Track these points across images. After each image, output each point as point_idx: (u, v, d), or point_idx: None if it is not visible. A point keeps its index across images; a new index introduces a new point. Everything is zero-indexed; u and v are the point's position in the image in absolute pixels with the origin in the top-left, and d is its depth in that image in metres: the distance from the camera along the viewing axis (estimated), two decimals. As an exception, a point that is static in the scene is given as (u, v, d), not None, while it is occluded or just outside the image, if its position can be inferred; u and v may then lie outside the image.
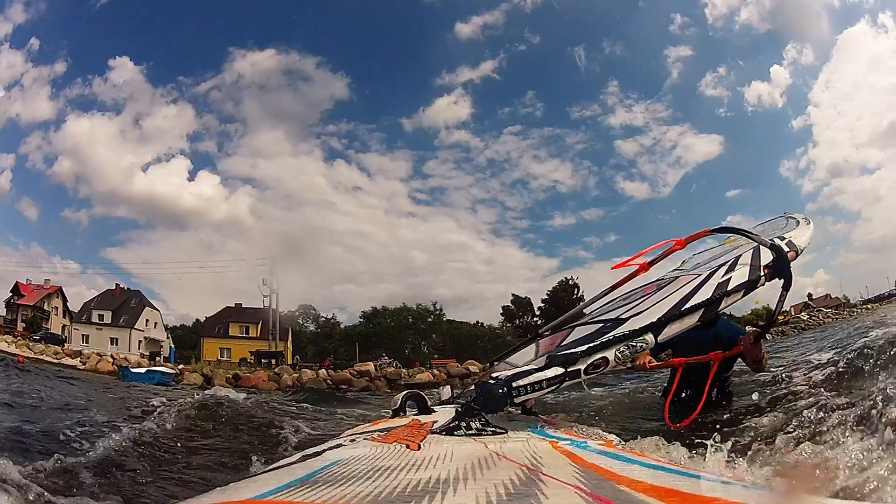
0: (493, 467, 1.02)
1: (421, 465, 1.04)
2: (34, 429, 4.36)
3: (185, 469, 3.36)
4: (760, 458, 2.42)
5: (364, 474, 0.95)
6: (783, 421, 3.02)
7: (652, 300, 2.34)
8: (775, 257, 1.99)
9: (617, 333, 1.82)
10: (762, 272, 1.96)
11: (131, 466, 3.17)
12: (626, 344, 1.78)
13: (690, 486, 0.84)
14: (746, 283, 1.95)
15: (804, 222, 2.71)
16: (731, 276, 2.00)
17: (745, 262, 2.11)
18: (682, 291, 2.12)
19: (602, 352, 1.75)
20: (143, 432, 3.89)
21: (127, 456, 3.37)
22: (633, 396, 5.15)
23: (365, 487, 0.84)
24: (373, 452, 1.21)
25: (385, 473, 0.95)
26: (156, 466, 3.31)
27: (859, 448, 2.25)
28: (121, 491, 2.74)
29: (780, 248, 2.01)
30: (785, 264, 1.96)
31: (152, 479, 3.03)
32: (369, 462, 1.08)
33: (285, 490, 0.85)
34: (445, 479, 0.89)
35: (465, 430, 1.45)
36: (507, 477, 0.90)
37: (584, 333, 2.15)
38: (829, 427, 2.71)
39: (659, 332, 1.82)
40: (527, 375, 1.67)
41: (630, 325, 1.87)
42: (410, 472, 0.95)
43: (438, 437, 1.39)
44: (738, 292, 1.93)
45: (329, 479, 0.93)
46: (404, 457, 1.13)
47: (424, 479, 0.89)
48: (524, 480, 0.89)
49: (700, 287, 2.05)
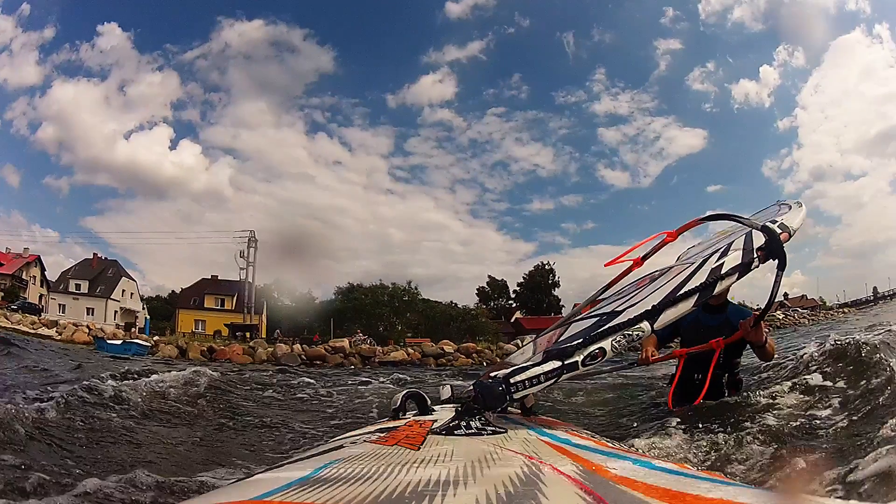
0: (493, 467, 1.02)
1: (421, 465, 1.04)
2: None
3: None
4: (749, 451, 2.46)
5: (364, 474, 0.95)
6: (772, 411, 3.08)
7: (646, 291, 2.33)
8: (768, 239, 1.99)
9: (613, 324, 1.80)
10: (755, 254, 1.96)
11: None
12: (623, 333, 1.76)
13: (690, 486, 0.84)
14: (740, 266, 1.94)
15: (796, 206, 2.73)
16: (725, 260, 1.98)
17: (737, 247, 2.10)
18: (676, 280, 2.11)
19: (598, 342, 1.73)
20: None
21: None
22: (632, 397, 5.21)
23: (365, 487, 0.84)
24: (373, 452, 1.20)
25: (385, 473, 0.94)
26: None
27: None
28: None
29: (771, 230, 2.01)
30: (778, 245, 1.96)
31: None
32: (369, 462, 1.08)
33: (285, 490, 0.85)
34: (445, 479, 0.89)
35: (464, 429, 1.44)
36: (507, 476, 0.89)
37: (580, 329, 2.13)
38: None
39: (654, 320, 1.80)
40: (524, 371, 1.65)
41: (625, 316, 1.85)
42: (410, 472, 0.95)
43: (438, 437, 1.38)
44: (733, 275, 1.92)
45: (329, 479, 0.92)
46: (404, 457, 1.13)
47: (424, 479, 0.88)
48: (524, 480, 0.89)
49: (694, 274, 2.03)
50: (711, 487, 0.82)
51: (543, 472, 0.94)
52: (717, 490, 0.80)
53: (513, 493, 0.81)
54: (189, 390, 5.39)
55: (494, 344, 33.62)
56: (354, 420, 4.88)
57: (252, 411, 5.31)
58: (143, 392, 4.85)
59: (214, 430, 4.33)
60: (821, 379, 3.59)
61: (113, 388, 4.64)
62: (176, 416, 4.57)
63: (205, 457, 3.39)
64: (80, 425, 3.71)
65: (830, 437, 2.53)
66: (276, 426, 4.56)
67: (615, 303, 2.52)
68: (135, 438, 3.66)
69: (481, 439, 1.36)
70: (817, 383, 3.51)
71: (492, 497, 0.78)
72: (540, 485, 0.85)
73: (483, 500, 0.77)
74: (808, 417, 2.94)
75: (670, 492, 0.79)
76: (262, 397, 6.50)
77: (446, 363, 27.35)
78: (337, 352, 27.57)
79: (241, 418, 4.84)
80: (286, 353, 26.35)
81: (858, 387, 3.23)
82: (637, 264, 3.05)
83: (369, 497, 0.79)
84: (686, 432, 2.88)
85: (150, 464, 3.01)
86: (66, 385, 5.50)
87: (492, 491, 0.80)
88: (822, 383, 3.49)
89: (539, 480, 0.88)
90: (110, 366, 10.42)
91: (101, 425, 3.83)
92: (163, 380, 5.57)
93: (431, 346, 30.57)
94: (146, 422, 4.19)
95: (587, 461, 1.05)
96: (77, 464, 2.92)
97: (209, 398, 5.35)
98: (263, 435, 4.28)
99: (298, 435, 4.28)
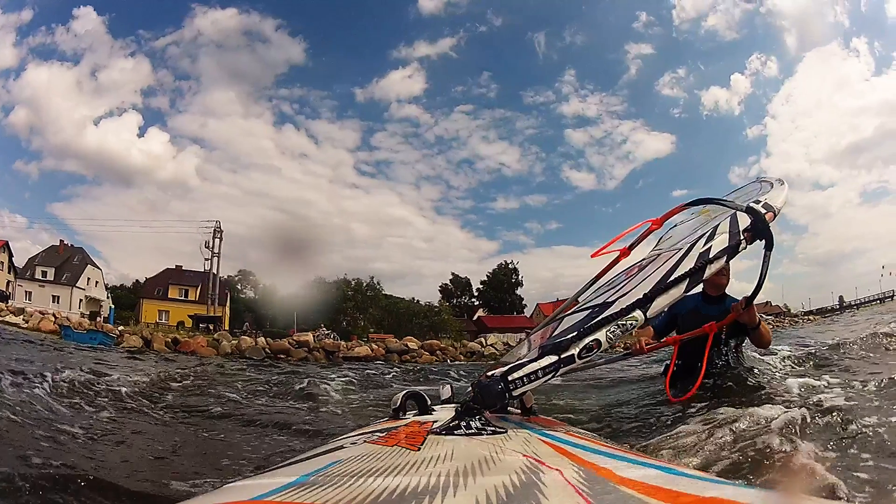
0: (492, 467, 1.02)
1: (421, 465, 1.04)
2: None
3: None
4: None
5: (364, 475, 0.95)
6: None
7: (636, 280, 2.35)
8: (753, 220, 1.99)
9: (606, 315, 1.80)
10: (742, 236, 1.96)
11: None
12: (616, 323, 1.76)
13: (689, 485, 0.84)
14: (728, 249, 1.95)
15: (778, 184, 2.74)
16: (712, 244, 1.99)
17: (723, 231, 2.12)
18: (665, 267, 2.11)
19: (593, 334, 1.73)
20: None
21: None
22: (631, 399, 5.26)
23: (365, 488, 0.84)
24: (373, 453, 1.21)
25: (385, 474, 0.95)
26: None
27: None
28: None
29: (756, 211, 2.02)
30: (764, 226, 1.97)
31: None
32: (369, 462, 1.08)
33: (285, 490, 0.85)
34: (445, 479, 0.89)
35: (464, 429, 1.44)
36: (507, 476, 0.90)
37: (572, 322, 2.12)
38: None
39: (647, 308, 1.80)
40: (521, 367, 1.65)
41: (618, 307, 1.85)
42: (410, 473, 0.95)
43: (438, 437, 1.38)
44: (721, 258, 1.93)
45: (329, 479, 0.92)
46: (404, 457, 1.13)
47: (424, 480, 0.88)
48: (524, 480, 0.89)
49: (682, 260, 2.05)
50: (710, 487, 0.82)
51: (543, 473, 0.94)
52: (717, 490, 0.79)
53: (512, 493, 0.81)
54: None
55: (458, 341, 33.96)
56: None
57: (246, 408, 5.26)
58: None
59: (213, 430, 4.26)
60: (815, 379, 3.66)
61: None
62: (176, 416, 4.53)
63: (205, 457, 3.31)
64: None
65: (830, 438, 2.56)
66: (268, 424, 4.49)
67: (606, 294, 2.54)
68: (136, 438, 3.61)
69: (481, 439, 1.37)
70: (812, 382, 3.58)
71: (492, 497, 0.78)
72: (539, 485, 0.86)
73: (483, 500, 0.77)
74: (807, 417, 2.99)
75: (669, 492, 0.78)
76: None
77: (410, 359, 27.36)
78: (301, 346, 27.42)
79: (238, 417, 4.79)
80: (251, 347, 26.05)
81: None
82: (624, 254, 3.05)
83: (369, 497, 0.79)
84: (685, 432, 2.90)
85: (149, 465, 2.99)
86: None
87: (492, 491, 0.81)
88: (817, 383, 3.55)
89: (539, 481, 0.89)
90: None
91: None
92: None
93: (395, 343, 30.61)
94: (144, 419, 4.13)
95: (586, 461, 1.06)
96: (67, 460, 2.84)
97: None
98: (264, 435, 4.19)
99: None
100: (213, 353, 24.47)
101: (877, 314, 9.19)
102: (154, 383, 5.83)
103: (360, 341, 31.93)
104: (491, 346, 32.53)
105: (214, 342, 26.67)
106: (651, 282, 1.97)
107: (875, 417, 2.52)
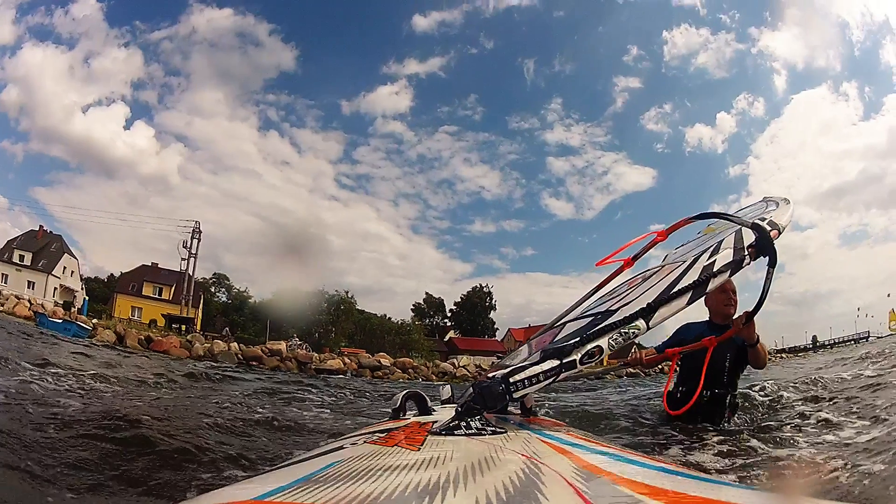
0: (492, 467, 1.01)
1: (421, 465, 1.03)
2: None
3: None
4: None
5: (364, 475, 0.95)
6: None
7: (639, 290, 2.34)
8: (758, 236, 1.98)
9: (608, 323, 1.79)
10: (746, 252, 1.96)
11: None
12: (619, 331, 1.75)
13: (689, 486, 0.85)
14: (732, 264, 1.94)
15: (784, 203, 2.76)
16: (716, 258, 2.00)
17: (728, 246, 2.12)
18: (668, 279, 2.11)
19: (595, 341, 1.72)
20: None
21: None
22: (629, 402, 5.25)
23: (365, 488, 0.84)
24: (373, 453, 1.21)
25: (385, 474, 0.94)
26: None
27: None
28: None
29: (761, 227, 2.01)
30: (768, 242, 1.96)
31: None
32: (369, 462, 1.08)
33: (285, 490, 0.84)
34: (445, 479, 0.89)
35: (464, 429, 1.45)
36: (507, 477, 0.90)
37: (575, 328, 2.11)
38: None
39: (650, 317, 1.79)
40: (523, 370, 1.65)
41: (621, 315, 1.84)
42: (410, 473, 0.95)
43: (438, 438, 1.38)
44: (724, 272, 1.92)
45: (329, 479, 0.92)
46: (404, 457, 1.13)
47: (424, 480, 0.88)
48: (524, 481, 0.89)
49: (686, 272, 2.04)
50: (711, 488, 0.81)
51: (543, 473, 0.94)
52: (717, 491, 0.79)
53: (513, 493, 0.81)
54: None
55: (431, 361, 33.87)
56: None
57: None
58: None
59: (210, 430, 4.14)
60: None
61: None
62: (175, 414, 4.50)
63: (204, 457, 3.20)
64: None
65: (830, 438, 2.56)
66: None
67: (608, 302, 2.52)
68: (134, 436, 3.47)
69: (481, 440, 1.37)
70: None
71: (492, 497, 0.78)
72: (540, 485, 0.85)
73: (483, 500, 0.77)
74: (807, 420, 2.99)
75: (669, 493, 0.78)
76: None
77: (382, 376, 27.40)
78: (274, 354, 27.42)
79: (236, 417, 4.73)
80: (223, 351, 26.01)
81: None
82: (628, 264, 3.04)
83: (369, 498, 0.78)
84: (685, 434, 2.88)
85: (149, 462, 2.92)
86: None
87: (492, 491, 0.81)
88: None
89: (539, 481, 0.88)
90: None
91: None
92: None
93: (368, 358, 30.70)
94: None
95: (587, 461, 1.06)
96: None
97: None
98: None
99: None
100: (185, 354, 24.46)
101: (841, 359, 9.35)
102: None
103: (332, 354, 31.78)
104: (463, 368, 32.37)
105: (188, 343, 26.65)
106: (654, 292, 1.96)
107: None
